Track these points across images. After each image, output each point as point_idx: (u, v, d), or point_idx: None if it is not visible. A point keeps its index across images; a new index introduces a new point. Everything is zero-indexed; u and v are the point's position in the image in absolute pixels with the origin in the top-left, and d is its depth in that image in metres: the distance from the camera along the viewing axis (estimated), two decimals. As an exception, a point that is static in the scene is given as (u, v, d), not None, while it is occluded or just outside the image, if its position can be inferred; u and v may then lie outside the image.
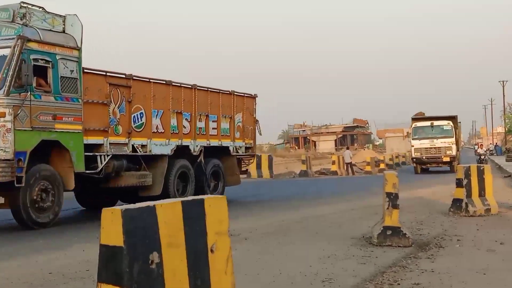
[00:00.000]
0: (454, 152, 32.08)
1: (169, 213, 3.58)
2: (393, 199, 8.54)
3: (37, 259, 7.92)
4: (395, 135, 78.69)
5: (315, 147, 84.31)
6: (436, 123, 32.98)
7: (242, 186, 19.66)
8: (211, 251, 3.86)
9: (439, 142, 32.23)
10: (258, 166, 28.60)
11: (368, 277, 6.57)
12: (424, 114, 35.85)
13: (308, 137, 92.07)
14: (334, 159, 35.81)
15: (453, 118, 33.87)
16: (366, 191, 19.37)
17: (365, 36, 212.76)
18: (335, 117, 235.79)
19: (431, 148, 32.36)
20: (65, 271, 7.05)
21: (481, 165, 12.74)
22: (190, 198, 3.87)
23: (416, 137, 32.93)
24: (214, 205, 3.95)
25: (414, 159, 33.24)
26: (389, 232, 8.53)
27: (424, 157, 32.62)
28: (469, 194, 12.06)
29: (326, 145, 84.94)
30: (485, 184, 12.36)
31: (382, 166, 36.84)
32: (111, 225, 3.30)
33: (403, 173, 28.28)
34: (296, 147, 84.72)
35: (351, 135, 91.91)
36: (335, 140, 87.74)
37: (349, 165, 34.48)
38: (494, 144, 72.94)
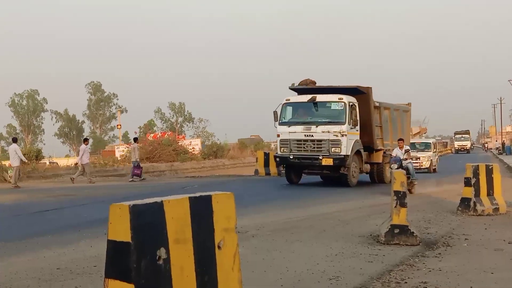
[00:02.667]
0: (344, 150, 19.66)
1: (176, 209, 3.58)
2: (401, 198, 8.53)
3: (45, 254, 7.96)
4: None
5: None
6: (321, 98, 20.37)
7: (249, 183, 19.67)
8: (219, 247, 3.86)
9: (319, 132, 19.91)
10: (266, 164, 28.56)
11: (375, 275, 6.56)
12: (314, 83, 22.18)
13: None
14: None
15: (356, 92, 20.83)
16: (374, 189, 19.33)
17: (367, 33, 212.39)
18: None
19: (306, 141, 20.13)
20: (73, 266, 7.09)
21: (490, 164, 12.66)
22: (197, 194, 3.88)
23: (286, 120, 20.70)
24: (222, 202, 3.95)
25: (278, 159, 21.06)
26: (396, 231, 8.52)
27: (291, 157, 20.27)
28: (477, 193, 12.02)
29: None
30: (494, 183, 12.31)
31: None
32: (119, 221, 3.31)
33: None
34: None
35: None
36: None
37: None
38: (501, 142, 72.55)
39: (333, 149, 19.73)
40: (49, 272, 6.83)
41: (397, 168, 16.00)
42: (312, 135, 20.06)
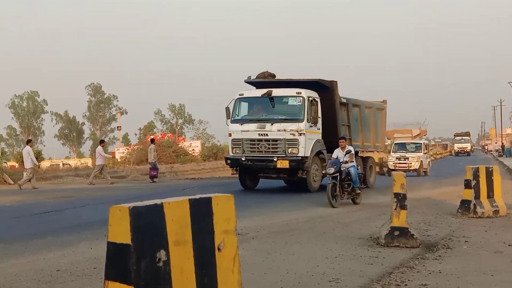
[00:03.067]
0: (302, 151, 17.62)
1: (176, 211, 3.58)
2: (401, 200, 8.52)
3: (45, 256, 7.96)
4: (403, 136, 78.32)
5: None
6: (277, 92, 18.29)
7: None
8: (218, 249, 3.86)
9: (274, 131, 17.85)
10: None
11: (375, 277, 6.56)
12: (273, 76, 20.15)
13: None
14: None
15: (318, 87, 18.88)
16: (374, 192, 19.32)
17: (372, 33, 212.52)
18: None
19: (261, 141, 18.09)
20: (72, 268, 7.08)
21: (490, 166, 12.67)
22: (197, 196, 3.88)
23: (239, 118, 18.79)
24: (222, 204, 3.96)
25: (229, 161, 18.95)
26: (396, 233, 8.51)
27: (243, 158, 18.21)
28: (477, 196, 12.01)
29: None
30: (494, 185, 12.31)
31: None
32: (119, 223, 3.31)
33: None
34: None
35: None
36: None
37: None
38: (501, 145, 72.58)
39: (289, 149, 17.70)
40: (49, 274, 6.82)
41: (333, 173, 14.14)
42: (266, 134, 17.97)
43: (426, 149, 34.50)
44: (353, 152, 14.99)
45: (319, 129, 18.62)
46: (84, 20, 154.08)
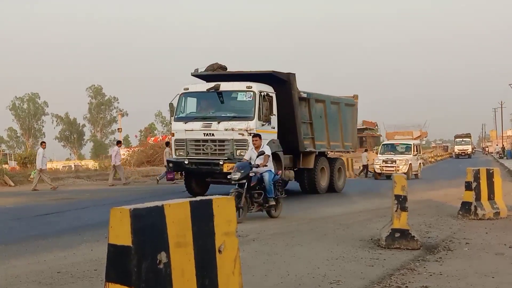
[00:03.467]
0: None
1: (177, 213, 3.58)
2: (401, 202, 8.51)
3: (46, 257, 7.96)
4: (404, 138, 78.30)
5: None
6: (225, 86, 16.34)
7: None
8: (219, 251, 3.86)
9: (221, 130, 15.96)
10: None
11: (376, 279, 6.55)
12: (224, 68, 18.14)
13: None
14: None
15: (274, 80, 16.93)
16: (375, 193, 19.33)
17: (374, 34, 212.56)
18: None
19: (206, 141, 16.19)
20: (73, 270, 7.08)
21: (491, 168, 12.66)
22: (198, 198, 3.88)
23: (183, 115, 16.89)
24: (223, 206, 3.96)
25: (171, 164, 17.06)
26: (397, 235, 8.51)
27: (186, 161, 16.40)
28: (478, 197, 12.00)
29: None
30: (495, 187, 12.29)
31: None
32: (120, 225, 3.31)
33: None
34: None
35: (360, 137, 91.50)
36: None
37: (364, 168, 34.26)
38: (502, 147, 72.57)
39: (238, 151, 15.58)
40: (50, 275, 6.82)
41: (239, 179, 11.50)
42: (212, 134, 15.98)
43: (416, 151, 31.68)
44: (268, 153, 12.14)
45: (273, 128, 16.58)
46: (85, 22, 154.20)
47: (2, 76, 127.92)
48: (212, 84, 16.42)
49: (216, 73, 17.59)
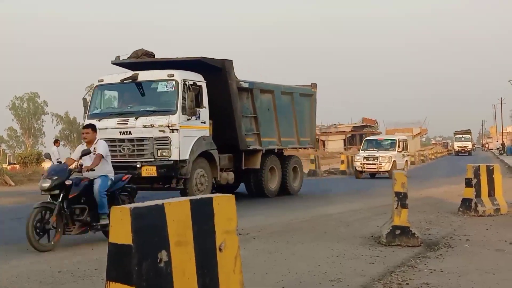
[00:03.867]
0: (175, 153, 13.47)
1: (177, 211, 3.59)
2: (402, 199, 8.52)
3: (47, 257, 7.97)
4: (404, 135, 78.32)
5: (324, 147, 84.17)
6: (144, 76, 14.26)
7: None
8: (220, 249, 3.87)
9: (139, 127, 13.68)
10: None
11: (376, 276, 6.56)
12: (151, 55, 15.74)
13: (317, 137, 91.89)
14: (343, 159, 35.43)
15: (205, 68, 14.77)
16: (375, 191, 19.33)
17: (374, 35, 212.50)
18: (343, 116, 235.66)
19: (123, 141, 13.89)
20: (74, 269, 7.09)
21: (491, 164, 12.66)
22: (198, 197, 3.88)
23: (97, 111, 14.59)
24: (223, 204, 3.96)
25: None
26: (398, 232, 8.51)
27: None
28: (478, 194, 12.00)
29: (335, 144, 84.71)
30: (495, 183, 12.29)
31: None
32: (120, 224, 3.32)
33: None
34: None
35: (360, 135, 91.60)
36: (344, 140, 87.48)
37: None
38: (501, 143, 72.55)
39: (159, 151, 13.44)
40: (51, 275, 6.83)
41: (49, 189, 8.67)
42: (129, 132, 13.67)
43: (401, 147, 28.72)
44: (102, 151, 9.27)
45: (204, 122, 14.38)
46: (84, 21, 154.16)
47: (2, 75, 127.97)
48: (130, 74, 14.36)
49: (139, 61, 15.35)
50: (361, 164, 27.81)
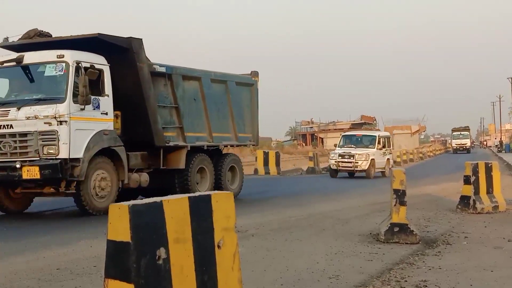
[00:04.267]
0: (64, 150, 11.18)
1: (176, 209, 3.59)
2: (400, 196, 8.53)
3: (45, 254, 7.96)
4: (403, 132, 78.50)
5: (322, 144, 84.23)
6: (31, 58, 12.01)
7: (249, 183, 19.66)
8: (218, 247, 3.86)
9: (22, 119, 11.44)
10: (266, 163, 28.57)
11: (375, 274, 6.57)
12: (47, 35, 13.16)
13: (315, 134, 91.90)
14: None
15: (108, 48, 12.47)
16: (373, 188, 19.34)
17: (373, 33, 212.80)
18: (342, 113, 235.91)
19: (4, 137, 11.61)
20: (72, 266, 7.09)
21: (489, 161, 12.68)
22: (197, 194, 3.88)
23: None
24: (222, 201, 3.96)
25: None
26: (396, 229, 8.52)
27: None
28: (476, 191, 12.02)
29: (333, 142, 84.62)
30: (493, 181, 12.32)
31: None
32: (118, 221, 3.31)
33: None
34: (304, 144, 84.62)
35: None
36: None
37: None
38: (499, 140, 72.62)
39: (45, 148, 11.19)
40: (49, 272, 6.83)
41: None
42: (11, 126, 11.41)
43: (382, 144, 26.49)
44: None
45: (106, 113, 12.14)
46: (84, 20, 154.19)
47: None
48: (14, 56, 12.12)
49: (31, 42, 12.85)
50: (335, 162, 25.69)
